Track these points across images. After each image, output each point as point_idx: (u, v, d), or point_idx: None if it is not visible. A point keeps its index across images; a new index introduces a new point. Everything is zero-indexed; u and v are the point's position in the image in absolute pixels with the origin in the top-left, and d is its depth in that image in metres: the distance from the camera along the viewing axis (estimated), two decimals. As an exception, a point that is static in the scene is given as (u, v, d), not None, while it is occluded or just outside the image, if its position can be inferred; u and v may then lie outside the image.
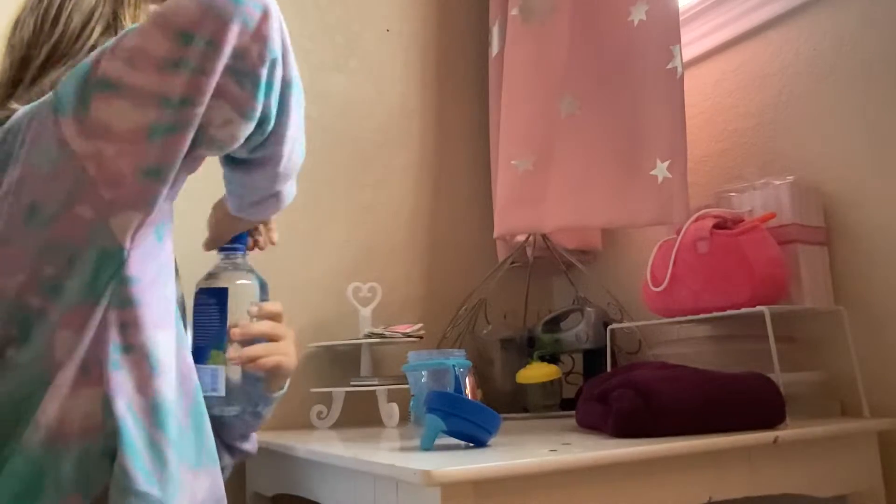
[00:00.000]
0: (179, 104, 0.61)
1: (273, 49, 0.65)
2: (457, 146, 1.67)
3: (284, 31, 0.68)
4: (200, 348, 0.81)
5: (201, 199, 1.00)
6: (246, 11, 0.62)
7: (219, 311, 0.83)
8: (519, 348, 1.44)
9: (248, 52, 0.63)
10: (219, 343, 0.82)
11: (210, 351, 0.81)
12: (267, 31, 0.64)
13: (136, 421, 0.63)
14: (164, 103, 0.60)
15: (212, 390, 0.81)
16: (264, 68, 0.64)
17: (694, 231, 1.11)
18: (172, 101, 0.61)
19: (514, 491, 0.70)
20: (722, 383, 0.91)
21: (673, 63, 1.22)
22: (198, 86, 0.61)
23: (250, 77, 0.64)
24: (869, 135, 1.11)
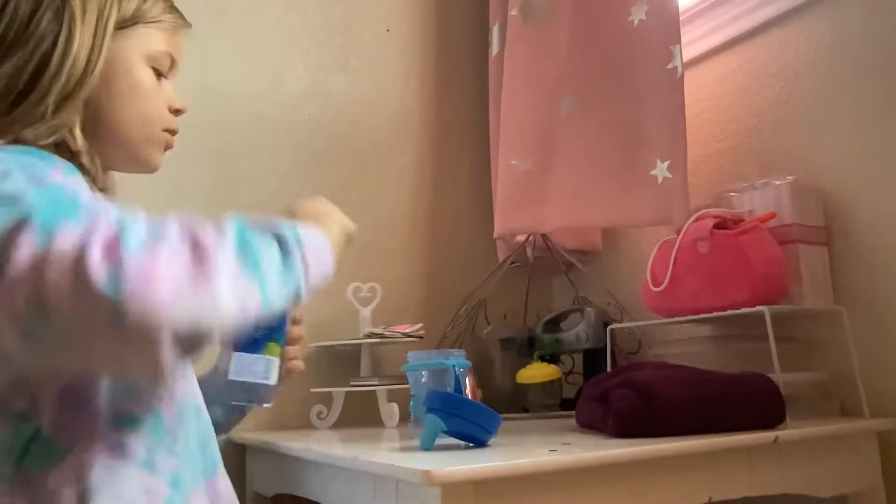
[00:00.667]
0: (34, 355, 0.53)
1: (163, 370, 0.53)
2: (457, 146, 1.67)
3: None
4: (255, 339, 0.83)
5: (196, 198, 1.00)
6: (128, 334, 0.48)
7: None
8: (519, 348, 1.44)
9: (131, 367, 0.55)
10: (278, 337, 0.84)
11: (266, 343, 0.84)
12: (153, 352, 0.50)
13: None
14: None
15: (263, 378, 0.83)
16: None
17: (694, 231, 1.11)
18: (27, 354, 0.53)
19: (514, 491, 0.70)
20: (722, 383, 0.91)
21: (673, 63, 1.22)
22: (51, 359, 0.55)
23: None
24: (869, 135, 1.11)
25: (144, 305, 0.47)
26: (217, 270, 0.51)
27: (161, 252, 0.49)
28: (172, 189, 1.33)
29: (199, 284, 0.50)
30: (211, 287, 0.50)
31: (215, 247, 0.52)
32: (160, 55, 0.81)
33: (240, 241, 0.55)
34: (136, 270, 0.48)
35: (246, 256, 0.54)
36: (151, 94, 0.80)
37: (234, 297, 0.52)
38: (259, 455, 1.22)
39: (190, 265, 0.50)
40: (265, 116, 1.45)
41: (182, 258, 0.50)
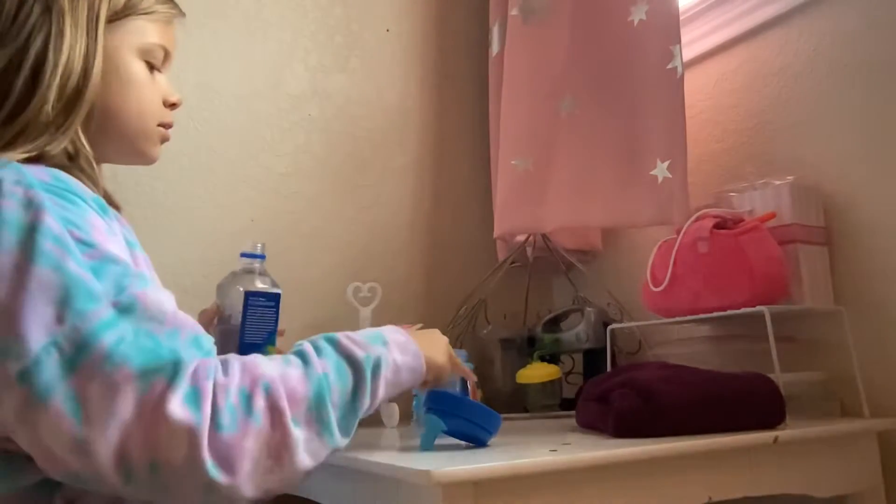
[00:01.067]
0: (115, 492, 0.56)
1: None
2: (457, 146, 1.67)
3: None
4: (256, 345, 0.90)
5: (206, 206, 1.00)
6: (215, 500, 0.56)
7: (275, 313, 0.93)
8: (519, 348, 1.43)
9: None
10: (273, 341, 0.91)
11: (266, 347, 0.90)
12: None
13: None
14: (98, 482, 0.54)
15: None
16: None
17: (694, 231, 1.11)
18: (109, 487, 0.55)
19: (514, 491, 0.70)
20: (722, 383, 0.91)
21: (673, 63, 1.22)
22: (141, 498, 0.57)
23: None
24: (869, 135, 1.11)
25: (235, 483, 0.55)
26: (295, 446, 0.58)
27: (250, 432, 0.56)
28: (172, 189, 1.33)
29: (283, 462, 0.58)
30: (293, 463, 0.58)
31: (294, 421, 0.59)
32: (153, 48, 0.80)
33: (316, 398, 0.61)
34: (231, 454, 0.55)
35: (320, 417, 0.61)
36: (146, 89, 0.79)
37: (310, 461, 0.60)
38: (259, 455, 1.21)
39: (275, 447, 0.57)
40: (265, 116, 1.45)
41: (268, 438, 0.57)
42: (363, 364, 0.68)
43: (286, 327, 1.39)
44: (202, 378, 0.56)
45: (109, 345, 0.54)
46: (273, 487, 0.58)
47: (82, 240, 0.59)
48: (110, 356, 0.54)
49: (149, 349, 0.55)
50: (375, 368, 0.69)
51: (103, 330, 0.54)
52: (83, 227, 0.60)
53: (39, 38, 0.69)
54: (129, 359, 0.54)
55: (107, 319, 0.55)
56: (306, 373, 0.63)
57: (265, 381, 0.59)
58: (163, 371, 0.54)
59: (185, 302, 0.95)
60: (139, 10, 0.78)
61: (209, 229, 1.35)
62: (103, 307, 0.56)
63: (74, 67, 0.71)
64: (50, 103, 0.68)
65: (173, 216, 1.32)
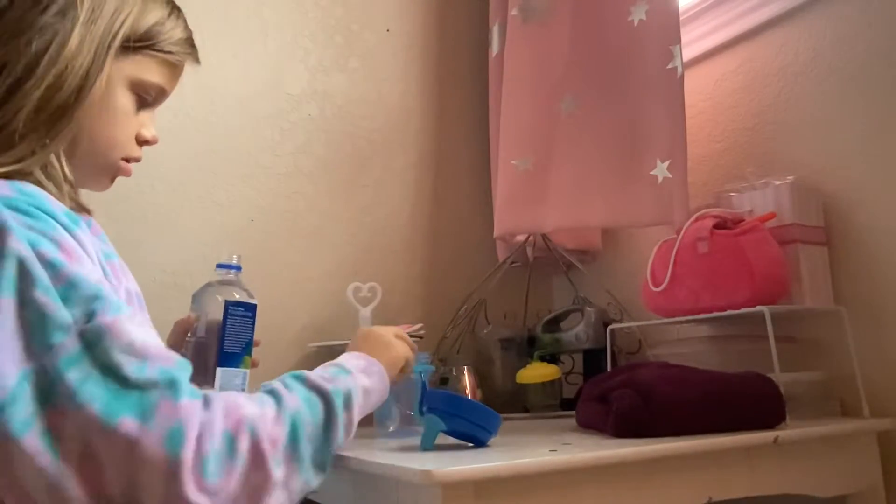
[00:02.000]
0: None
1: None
2: (457, 146, 1.67)
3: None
4: (236, 354, 0.92)
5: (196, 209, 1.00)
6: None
7: (251, 323, 0.94)
8: (519, 348, 1.44)
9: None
10: (249, 351, 0.93)
11: (243, 357, 0.92)
12: None
13: None
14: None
15: (241, 389, 0.92)
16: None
17: (694, 231, 1.11)
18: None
19: (514, 491, 0.70)
20: (722, 383, 0.91)
21: (673, 63, 1.22)
22: None
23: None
24: (869, 135, 1.11)
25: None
26: (273, 488, 0.59)
27: (234, 475, 0.56)
28: (172, 188, 1.33)
29: (261, 499, 0.58)
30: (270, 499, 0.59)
31: (275, 462, 0.59)
32: (151, 87, 0.75)
33: (291, 436, 0.61)
34: (215, 496, 0.54)
35: (295, 454, 0.61)
36: (124, 121, 0.74)
37: (286, 500, 0.60)
38: (259, 455, 1.21)
39: (254, 487, 0.57)
40: (265, 116, 1.45)
41: (249, 478, 0.57)
42: (332, 396, 0.68)
43: (286, 327, 1.40)
44: (184, 417, 0.54)
45: (74, 383, 0.52)
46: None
47: (49, 261, 0.56)
48: (75, 395, 0.52)
49: (114, 390, 0.53)
50: (347, 400, 0.69)
51: (68, 366, 0.53)
52: (50, 246, 0.57)
53: (42, 39, 0.65)
54: (94, 399, 0.52)
55: (72, 354, 0.53)
56: (280, 412, 0.62)
57: (248, 423, 0.58)
58: (131, 411, 0.53)
59: (185, 302, 0.96)
60: (156, 47, 0.74)
61: (209, 229, 1.35)
62: (70, 339, 0.54)
63: (67, 82, 0.66)
64: (23, 114, 0.64)
65: (173, 216, 1.32)
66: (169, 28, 0.75)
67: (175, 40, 0.76)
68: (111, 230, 0.79)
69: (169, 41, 0.75)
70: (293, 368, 0.92)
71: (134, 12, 0.72)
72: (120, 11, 0.71)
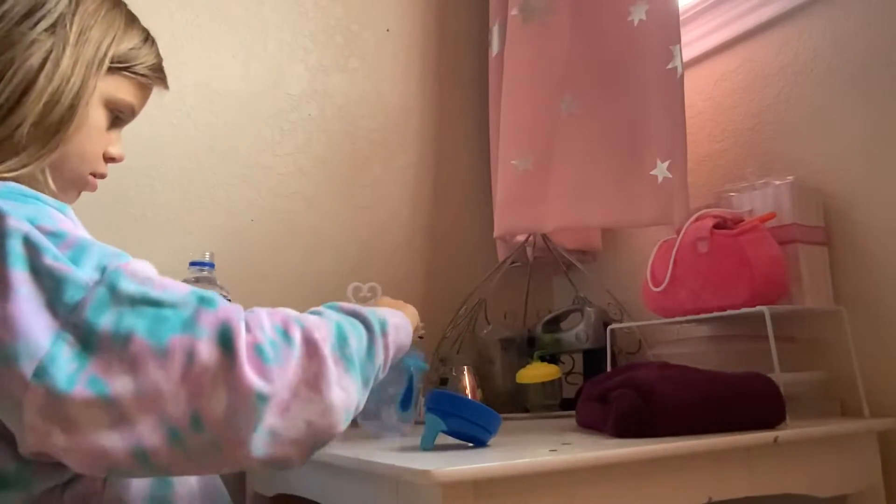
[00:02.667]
0: (156, 469, 0.55)
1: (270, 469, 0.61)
2: (457, 146, 1.67)
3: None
4: None
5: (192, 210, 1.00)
6: (256, 444, 0.55)
7: None
8: (519, 348, 1.43)
9: (247, 467, 0.58)
10: None
11: None
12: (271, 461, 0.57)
13: None
14: (144, 462, 0.53)
15: None
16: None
17: (694, 231, 1.11)
18: (153, 465, 0.54)
19: (514, 491, 0.70)
20: (722, 383, 0.91)
21: (673, 63, 1.22)
22: (186, 467, 0.56)
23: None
24: (869, 135, 1.11)
25: (276, 413, 0.55)
26: (331, 376, 0.59)
27: (292, 362, 0.56)
28: (172, 188, 1.33)
29: (321, 392, 0.58)
30: (329, 393, 0.58)
31: (326, 354, 0.59)
32: (125, 106, 0.78)
33: (339, 338, 0.62)
34: (276, 384, 0.55)
35: (344, 355, 0.62)
36: (96, 137, 0.77)
37: (342, 398, 0.60)
38: (259, 455, 1.22)
39: (312, 376, 0.58)
40: (265, 116, 1.45)
41: (304, 368, 0.57)
42: (371, 320, 0.68)
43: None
44: (229, 317, 0.55)
45: (110, 326, 0.53)
46: (313, 425, 0.57)
47: (52, 231, 0.57)
48: (115, 335, 0.53)
49: (150, 315, 0.54)
50: (383, 326, 0.70)
51: (98, 314, 0.53)
52: (49, 221, 0.58)
53: (36, 57, 0.68)
54: (135, 330, 0.53)
55: (98, 302, 0.54)
56: (323, 319, 0.63)
57: (295, 318, 0.60)
58: (175, 329, 0.54)
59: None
60: (132, 69, 0.78)
61: (209, 229, 1.35)
62: (91, 292, 0.54)
63: (62, 100, 0.70)
64: (25, 129, 0.67)
65: (173, 216, 1.32)
66: (144, 53, 0.79)
67: (149, 65, 0.80)
68: (111, 230, 0.79)
69: (143, 65, 0.79)
70: (293, 368, 0.92)
71: (118, 35, 0.76)
72: (106, 35, 0.75)
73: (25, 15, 0.69)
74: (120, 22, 0.77)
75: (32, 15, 0.69)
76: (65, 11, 0.71)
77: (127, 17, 0.79)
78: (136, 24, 0.80)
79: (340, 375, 0.60)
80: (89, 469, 0.54)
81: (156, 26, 0.85)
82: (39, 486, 0.59)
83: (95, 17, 0.74)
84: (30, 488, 0.59)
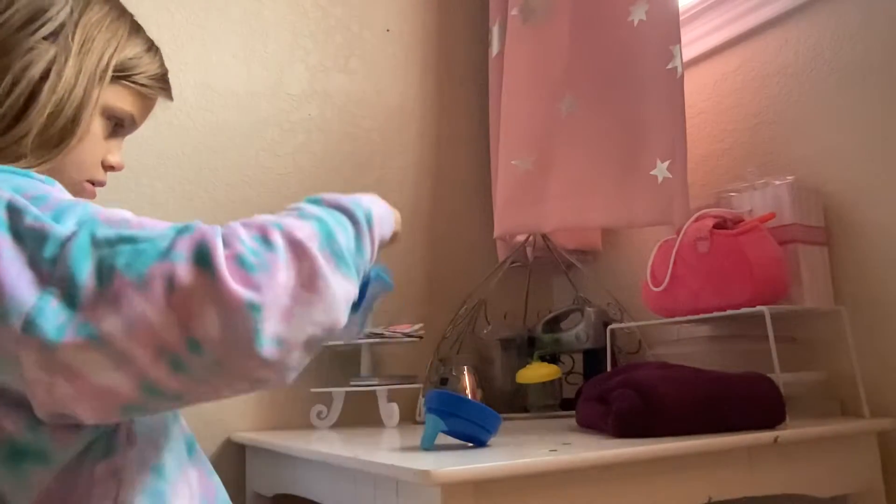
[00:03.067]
0: (169, 398, 0.54)
1: (289, 379, 0.59)
2: (457, 146, 1.67)
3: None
4: None
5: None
6: (266, 355, 0.53)
7: None
8: (519, 348, 1.44)
9: (262, 381, 0.56)
10: None
11: None
12: (285, 366, 0.56)
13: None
14: (149, 391, 0.53)
15: None
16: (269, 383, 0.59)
17: (694, 231, 1.11)
18: (164, 395, 0.54)
19: (514, 491, 0.70)
20: (722, 383, 0.91)
21: (673, 63, 1.22)
22: (201, 392, 0.55)
23: (253, 387, 0.58)
24: (869, 135, 1.11)
25: (277, 321, 0.53)
26: (326, 272, 0.57)
27: (279, 266, 0.55)
28: (171, 188, 1.33)
29: (319, 289, 0.56)
30: (329, 288, 0.57)
31: (315, 251, 0.57)
32: (123, 115, 0.78)
33: (325, 235, 0.60)
34: (266, 292, 0.53)
35: (334, 251, 0.59)
36: (94, 144, 0.76)
37: (343, 288, 0.58)
38: (259, 455, 1.22)
39: (306, 276, 0.56)
40: (265, 116, 1.45)
41: (296, 271, 0.55)
42: (356, 213, 0.67)
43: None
44: (204, 237, 0.54)
45: (92, 271, 0.53)
46: (319, 324, 0.56)
47: (35, 196, 0.57)
48: (98, 279, 0.53)
49: (128, 251, 0.54)
50: (368, 218, 0.68)
51: (79, 262, 0.53)
52: (34, 190, 0.58)
53: (38, 66, 0.69)
54: (115, 268, 0.53)
55: (78, 250, 0.54)
56: (303, 217, 0.61)
57: (273, 223, 0.58)
58: (153, 258, 0.53)
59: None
60: (131, 78, 0.77)
61: (209, 229, 1.35)
62: (69, 243, 0.54)
63: (66, 111, 0.70)
64: (30, 138, 0.68)
65: (173, 216, 1.32)
66: (146, 62, 0.79)
67: (151, 74, 0.80)
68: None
69: (145, 75, 0.79)
70: (293, 368, 0.92)
71: (120, 44, 0.76)
72: (109, 44, 0.74)
73: (26, 22, 0.69)
74: (124, 31, 0.77)
75: (33, 22, 0.69)
76: (66, 20, 0.71)
77: (132, 26, 0.78)
78: (141, 34, 0.79)
79: (334, 271, 0.58)
80: (104, 415, 0.54)
81: (156, 26, 0.85)
82: (58, 457, 0.59)
83: (99, 27, 0.74)
84: (48, 460, 0.59)
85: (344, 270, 0.59)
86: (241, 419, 1.32)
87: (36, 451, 0.58)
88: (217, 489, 0.75)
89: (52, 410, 0.54)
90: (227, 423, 1.30)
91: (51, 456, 0.59)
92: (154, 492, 0.64)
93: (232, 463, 1.28)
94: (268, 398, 1.35)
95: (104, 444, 0.61)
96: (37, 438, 0.58)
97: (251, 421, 1.33)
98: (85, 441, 0.60)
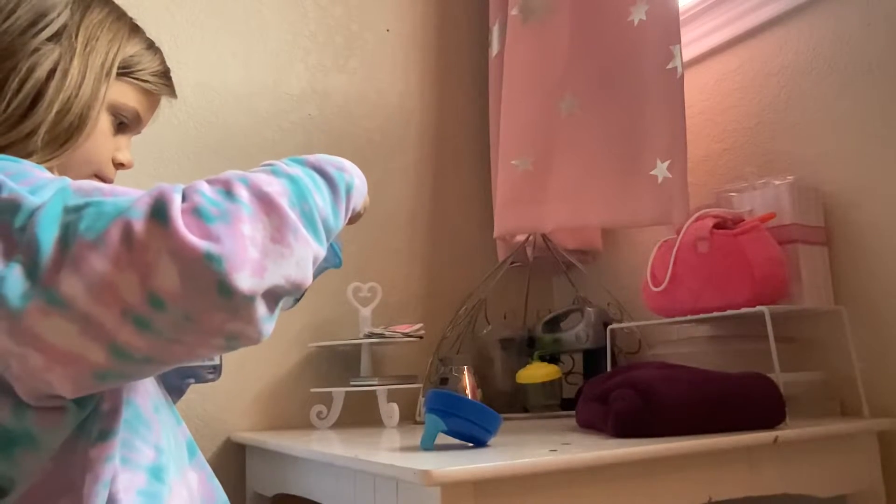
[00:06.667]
0: (140, 361, 0.54)
1: (264, 332, 0.57)
2: (457, 146, 1.67)
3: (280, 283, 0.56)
4: None
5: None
6: (233, 306, 0.52)
7: None
8: (519, 348, 1.44)
9: (235, 336, 0.55)
10: None
11: None
12: (256, 318, 0.55)
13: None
14: (119, 354, 0.52)
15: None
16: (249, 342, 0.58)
17: (694, 231, 1.11)
18: (135, 358, 0.53)
19: (514, 491, 0.70)
20: (722, 383, 0.91)
21: (673, 63, 1.22)
22: (173, 352, 0.54)
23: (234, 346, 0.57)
24: (869, 135, 1.11)
25: (242, 272, 0.51)
26: (296, 223, 0.56)
27: (242, 218, 0.53)
28: (172, 189, 1.33)
29: (289, 241, 0.55)
30: (299, 239, 0.56)
31: (285, 206, 0.56)
32: (128, 111, 0.79)
33: (298, 195, 0.59)
34: (227, 243, 0.51)
35: (304, 212, 0.59)
36: (101, 140, 0.77)
37: (315, 239, 0.58)
38: (259, 455, 1.22)
39: (275, 227, 0.55)
40: (265, 116, 1.45)
41: (262, 224, 0.54)
42: (337, 181, 0.65)
43: (287, 327, 1.40)
44: (163, 192, 0.53)
45: (58, 236, 0.52)
46: (287, 278, 0.55)
47: (16, 173, 0.57)
48: (61, 244, 0.52)
49: (93, 214, 0.53)
50: (348, 188, 0.67)
51: (46, 229, 0.52)
52: (16, 168, 0.58)
53: (43, 66, 0.70)
54: (77, 231, 0.52)
55: (45, 218, 0.53)
56: (274, 174, 0.59)
57: (239, 177, 0.56)
58: (112, 216, 0.52)
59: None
60: (134, 75, 0.78)
61: (209, 229, 1.35)
62: (38, 211, 0.53)
63: (73, 109, 0.71)
64: (40, 136, 0.69)
65: (173, 216, 1.32)
66: (148, 59, 0.80)
67: (153, 71, 0.81)
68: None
69: (147, 71, 0.80)
70: (294, 369, 0.92)
71: (123, 42, 0.77)
72: (112, 43, 0.76)
73: (29, 25, 0.70)
74: (125, 31, 0.78)
75: (35, 25, 0.71)
76: (68, 22, 0.73)
77: (131, 26, 0.80)
78: (140, 33, 0.81)
79: (304, 227, 0.57)
80: (79, 384, 0.54)
81: (156, 26, 0.85)
82: (46, 442, 0.59)
83: (102, 27, 0.75)
84: (37, 445, 0.59)
85: (310, 232, 0.59)
86: (241, 419, 1.32)
87: (24, 436, 0.58)
88: (217, 494, 0.75)
89: (31, 386, 0.54)
90: (227, 423, 1.30)
91: (39, 440, 0.58)
92: (150, 493, 0.64)
93: (232, 463, 1.29)
94: (268, 398, 1.35)
95: (98, 429, 0.61)
96: (22, 423, 0.58)
97: (251, 421, 1.33)
98: (71, 423, 0.59)
